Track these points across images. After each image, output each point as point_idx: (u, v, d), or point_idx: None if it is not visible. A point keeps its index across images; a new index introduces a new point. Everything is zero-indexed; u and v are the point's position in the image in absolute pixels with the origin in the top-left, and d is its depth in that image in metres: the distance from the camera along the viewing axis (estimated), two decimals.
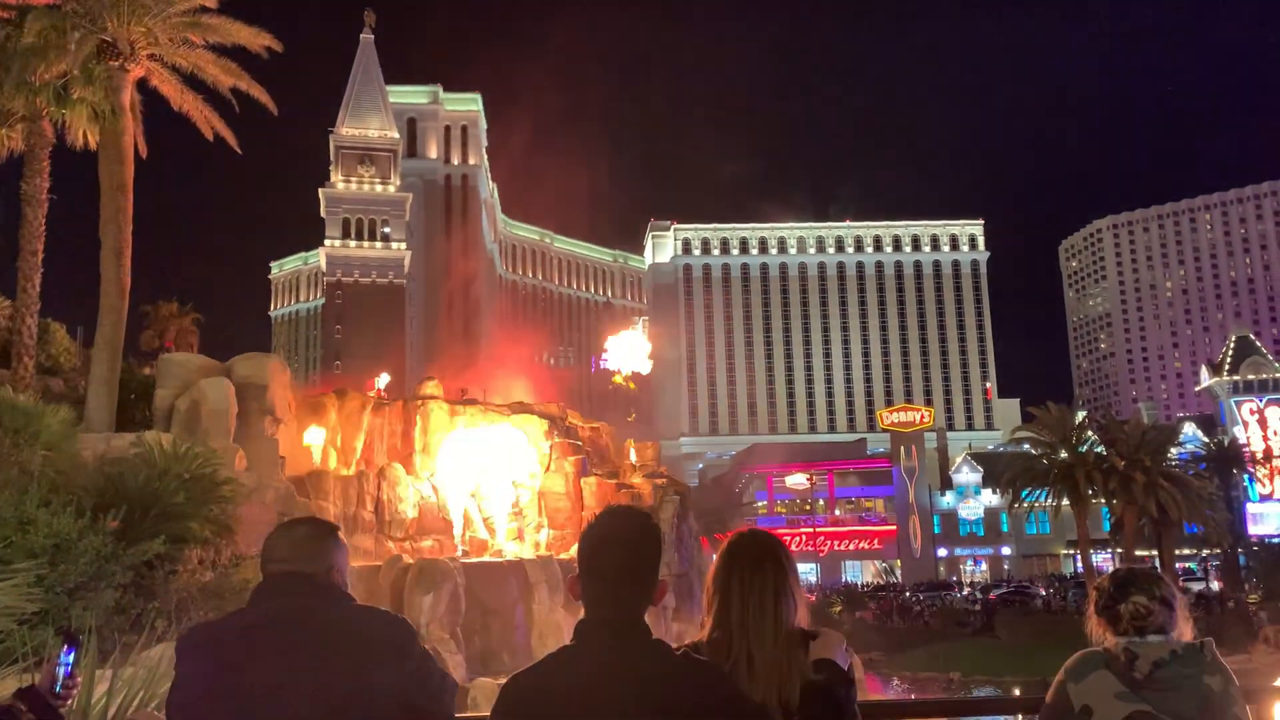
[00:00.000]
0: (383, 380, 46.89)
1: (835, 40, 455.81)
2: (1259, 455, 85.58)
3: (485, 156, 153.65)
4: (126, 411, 27.43)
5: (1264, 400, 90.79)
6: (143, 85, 28.92)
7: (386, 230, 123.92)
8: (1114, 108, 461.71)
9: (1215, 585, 66.27)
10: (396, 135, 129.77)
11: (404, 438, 37.92)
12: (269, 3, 30.50)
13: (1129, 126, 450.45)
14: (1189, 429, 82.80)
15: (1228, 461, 76.49)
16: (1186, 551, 73.59)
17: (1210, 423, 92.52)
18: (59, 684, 3.22)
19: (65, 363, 32.64)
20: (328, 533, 3.33)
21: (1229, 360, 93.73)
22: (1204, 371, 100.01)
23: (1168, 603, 3.51)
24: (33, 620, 11.27)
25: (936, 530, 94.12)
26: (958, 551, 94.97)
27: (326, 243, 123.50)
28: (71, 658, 3.27)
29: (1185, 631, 3.51)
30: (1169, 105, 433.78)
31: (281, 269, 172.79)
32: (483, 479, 37.18)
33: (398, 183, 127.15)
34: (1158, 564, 56.99)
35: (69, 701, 3.30)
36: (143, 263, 28.91)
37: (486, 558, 32.89)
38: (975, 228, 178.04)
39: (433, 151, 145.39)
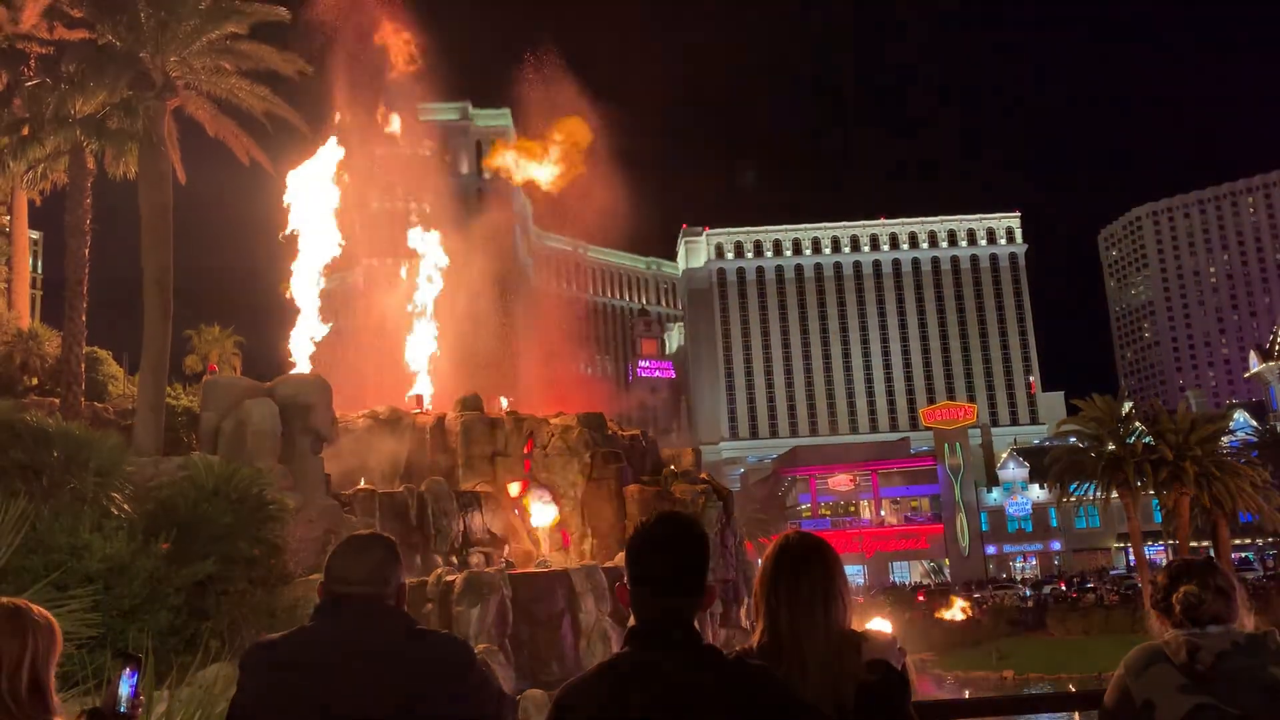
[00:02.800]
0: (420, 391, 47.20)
1: (863, 34, 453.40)
2: None
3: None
4: (173, 435, 27.86)
5: None
6: (179, 113, 29.43)
7: None
8: (1147, 93, 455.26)
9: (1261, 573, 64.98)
10: (427, 153, 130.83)
11: (445, 452, 38.16)
12: (297, 25, 30.93)
13: (1165, 112, 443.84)
14: (1240, 416, 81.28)
15: None
16: (1243, 541, 72.20)
17: (1261, 409, 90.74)
18: (123, 704, 3.27)
19: (113, 389, 33.24)
20: (395, 554, 3.37)
21: (1278, 344, 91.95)
22: (1253, 357, 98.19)
23: (1223, 592, 3.44)
24: (90, 644, 11.46)
25: (984, 528, 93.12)
26: (1006, 548, 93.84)
27: (364, 261, 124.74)
28: (136, 679, 3.33)
29: (1246, 622, 3.43)
30: (1203, 89, 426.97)
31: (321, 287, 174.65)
32: (526, 490, 37.33)
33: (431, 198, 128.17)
34: (1213, 555, 55.83)
35: None
36: (184, 287, 29.40)
37: (532, 569, 32.99)
38: (1012, 220, 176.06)
39: (464, 167, 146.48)
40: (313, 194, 37.75)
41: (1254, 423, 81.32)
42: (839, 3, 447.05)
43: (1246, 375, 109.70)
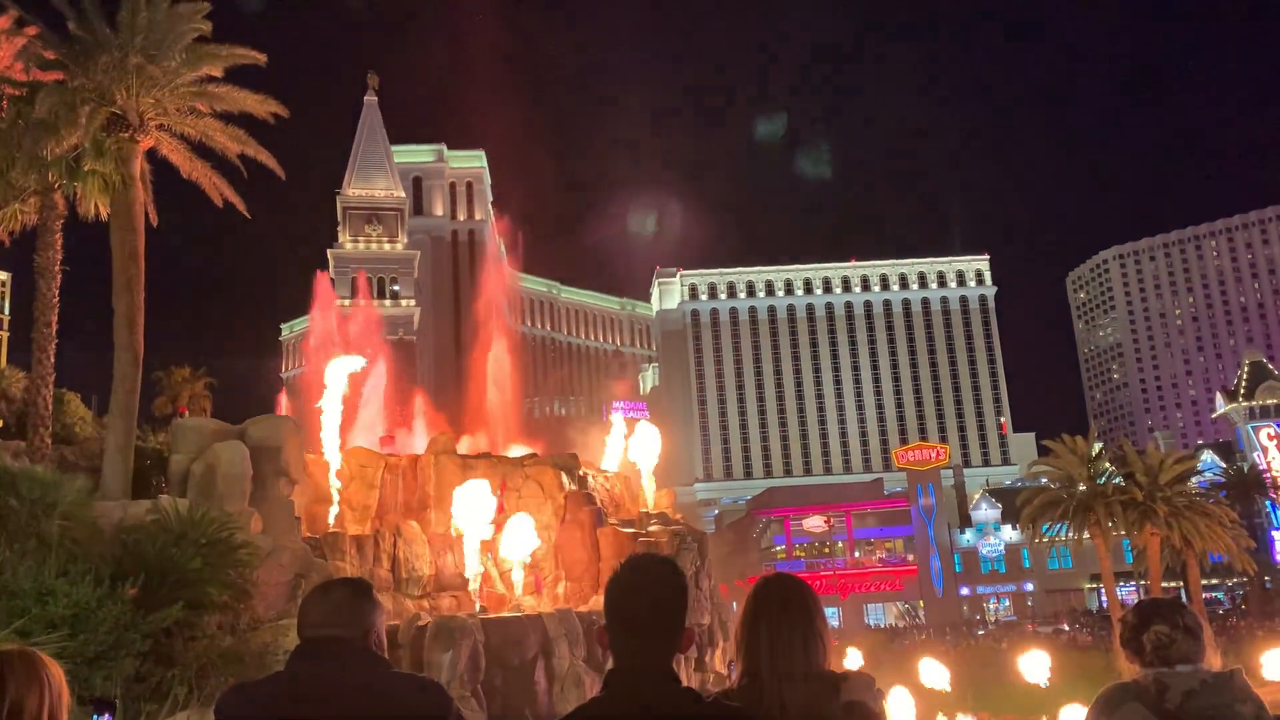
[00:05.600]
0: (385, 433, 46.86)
1: (834, 78, 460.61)
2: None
3: (491, 211, 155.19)
4: (142, 478, 27.49)
5: None
6: (152, 155, 29.36)
7: (396, 288, 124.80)
8: (1114, 138, 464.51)
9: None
10: (402, 194, 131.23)
11: (418, 494, 37.86)
12: (273, 67, 31.04)
13: (1130, 157, 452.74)
14: (1207, 456, 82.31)
15: (1249, 488, 75.86)
16: (1212, 581, 72.73)
17: (1228, 449, 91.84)
18: None
19: (80, 432, 32.79)
20: (364, 595, 3.33)
21: (1244, 386, 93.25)
22: (1219, 398, 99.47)
23: (1192, 631, 3.50)
24: None
25: (958, 569, 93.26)
26: (980, 589, 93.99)
27: (336, 303, 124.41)
28: None
29: (1213, 660, 3.49)
30: (1168, 134, 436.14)
31: (292, 330, 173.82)
32: (498, 533, 37.03)
33: (405, 241, 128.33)
34: (1183, 595, 56.12)
35: None
36: (155, 329, 29.16)
37: (505, 613, 32.67)
38: (981, 263, 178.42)
39: (439, 209, 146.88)
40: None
41: (1221, 463, 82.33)
42: (809, 47, 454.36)
43: (1213, 416, 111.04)
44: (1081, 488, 51.88)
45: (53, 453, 27.16)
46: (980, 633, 71.16)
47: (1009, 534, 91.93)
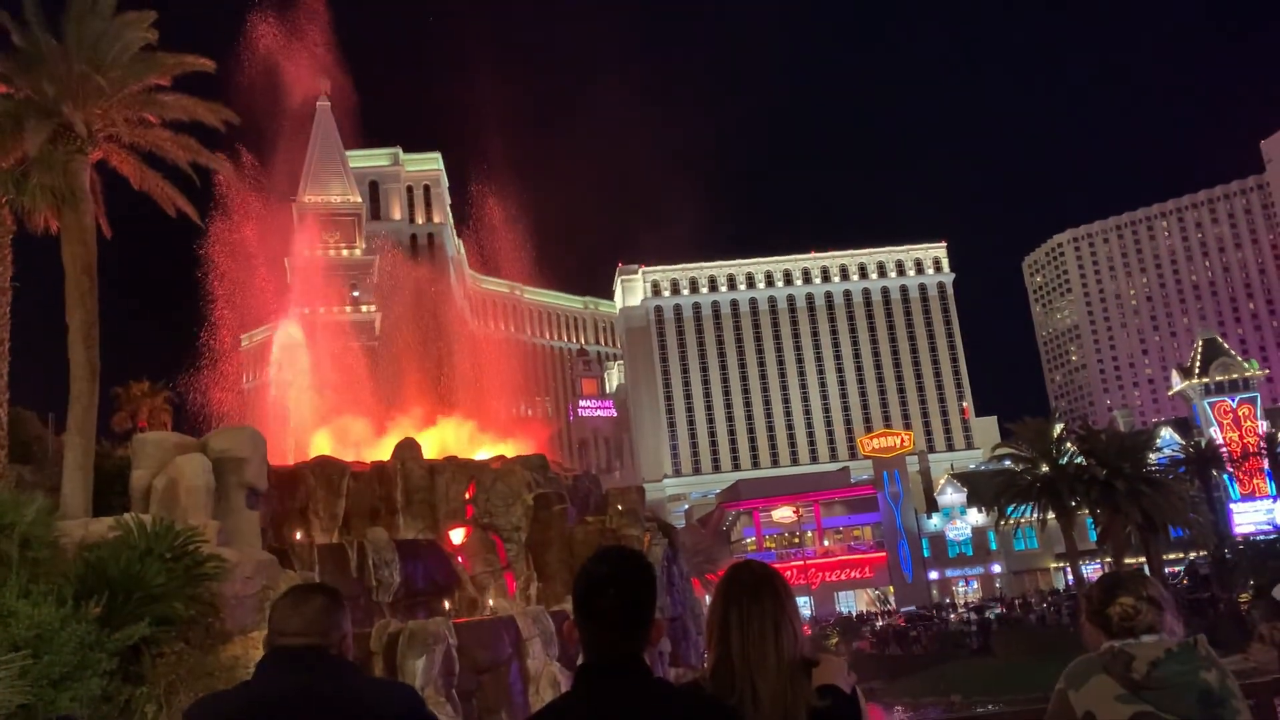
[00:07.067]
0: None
1: (788, 71, 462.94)
2: (1236, 455, 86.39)
3: (449, 214, 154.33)
4: (103, 495, 27.04)
5: (1236, 400, 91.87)
6: (103, 166, 28.89)
7: (355, 294, 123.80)
8: (1064, 123, 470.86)
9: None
10: (359, 199, 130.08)
11: (385, 500, 37.54)
12: (225, 74, 30.70)
13: (1082, 139, 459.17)
14: (1165, 433, 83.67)
15: (1206, 463, 77.20)
16: (1175, 556, 73.95)
17: (1186, 426, 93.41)
18: None
19: (38, 450, 32.23)
20: (339, 604, 3.32)
21: (1198, 363, 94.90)
22: (1175, 376, 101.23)
23: (1156, 602, 3.56)
24: (18, 715, 11.07)
25: (926, 553, 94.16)
26: (949, 573, 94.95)
27: (296, 310, 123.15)
28: None
29: (1177, 630, 3.56)
30: (1115, 117, 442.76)
31: (252, 340, 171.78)
32: (468, 536, 36.86)
33: (363, 246, 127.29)
34: (1147, 570, 56.84)
35: None
36: (111, 344, 28.67)
37: (477, 616, 32.53)
38: (939, 250, 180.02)
39: (396, 212, 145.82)
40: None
41: (1179, 439, 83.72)
42: (763, 43, 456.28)
43: (1170, 393, 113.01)
44: (1044, 469, 52.61)
45: (10, 473, 26.67)
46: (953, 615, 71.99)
47: (975, 517, 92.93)
